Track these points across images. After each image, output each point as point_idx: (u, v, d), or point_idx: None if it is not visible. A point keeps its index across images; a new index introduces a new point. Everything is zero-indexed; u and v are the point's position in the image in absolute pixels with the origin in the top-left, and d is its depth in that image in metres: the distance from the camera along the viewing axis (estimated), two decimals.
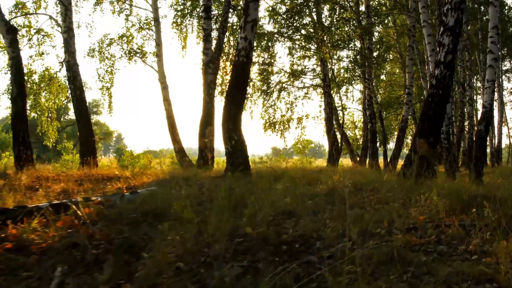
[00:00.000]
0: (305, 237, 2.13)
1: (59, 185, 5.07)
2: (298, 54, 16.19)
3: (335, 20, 13.96)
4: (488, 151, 18.67)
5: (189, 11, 12.61)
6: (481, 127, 8.03)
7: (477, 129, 8.03)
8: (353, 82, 18.01)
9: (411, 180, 3.80)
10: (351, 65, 14.58)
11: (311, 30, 14.54)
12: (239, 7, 11.83)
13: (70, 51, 10.01)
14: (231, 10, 11.33)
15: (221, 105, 10.80)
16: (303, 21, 14.71)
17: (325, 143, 15.80)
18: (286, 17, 14.62)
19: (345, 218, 2.47)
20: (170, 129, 11.52)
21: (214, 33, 10.78)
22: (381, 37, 18.09)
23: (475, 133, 8.49)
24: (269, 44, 15.48)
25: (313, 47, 15.06)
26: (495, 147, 21.41)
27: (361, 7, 14.23)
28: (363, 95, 15.30)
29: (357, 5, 14.14)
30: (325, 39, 13.05)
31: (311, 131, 76.78)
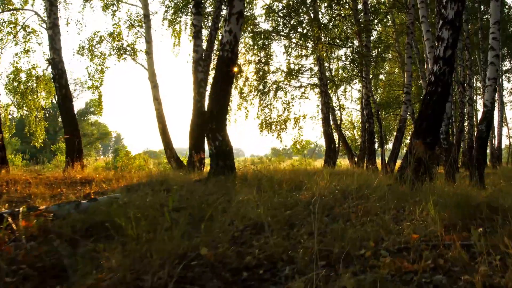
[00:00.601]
0: (273, 259, 1.76)
1: (27, 190, 4.70)
2: (295, 53, 15.88)
3: (332, 16, 13.60)
4: (488, 151, 18.34)
5: (181, 7, 12.24)
6: (482, 127, 7.65)
7: (478, 129, 7.66)
8: (351, 81, 17.69)
9: (406, 185, 3.42)
10: (348, 63, 14.21)
11: (308, 27, 14.19)
12: None
13: (55, 48, 9.64)
14: (223, 6, 10.95)
15: None
16: (299, 18, 14.35)
17: (324, 144, 15.37)
18: (282, 15, 14.27)
19: (325, 234, 2.09)
20: (160, 129, 11.15)
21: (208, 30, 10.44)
22: (379, 36, 17.76)
23: (475, 133, 8.11)
24: (266, 42, 15.14)
25: (309, 45, 14.72)
26: (495, 147, 21.12)
27: (359, 5, 13.87)
28: (361, 95, 14.96)
29: (355, 2, 13.76)
30: (322, 36, 12.68)
31: (309, 131, 76.24)
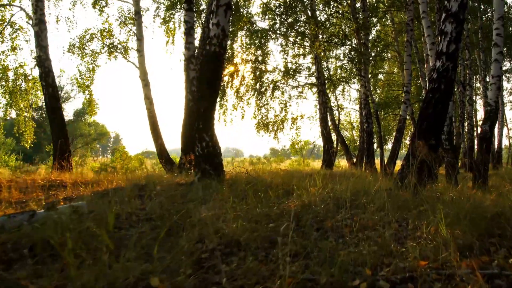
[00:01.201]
0: None
1: None
2: (292, 52, 15.55)
3: (330, 14, 13.27)
4: None
5: (174, 2, 11.87)
6: (486, 127, 7.29)
7: (482, 129, 7.30)
8: (350, 81, 17.36)
9: (408, 191, 3.07)
10: (346, 61, 13.87)
11: (305, 25, 13.85)
12: None
13: (41, 45, 9.27)
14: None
15: None
16: (296, 17, 14.02)
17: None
18: (279, 13, 13.93)
19: (312, 255, 1.73)
20: (152, 130, 10.76)
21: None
22: (378, 35, 17.44)
23: (479, 134, 7.75)
24: (262, 41, 14.81)
25: (307, 43, 14.39)
26: (496, 148, 20.85)
27: (358, 4, 13.54)
28: (359, 94, 14.63)
29: (353, 0, 13.42)
30: (319, 34, 12.34)
31: (307, 131, 75.80)
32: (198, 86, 4.92)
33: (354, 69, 13.96)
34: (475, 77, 20.57)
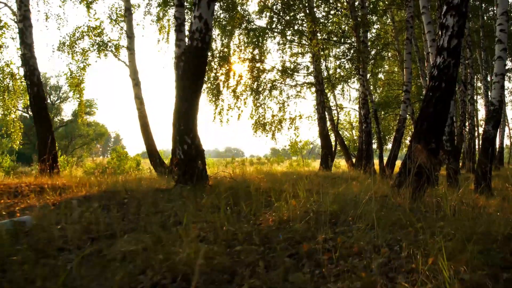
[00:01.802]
0: None
1: None
2: (289, 51, 15.19)
3: (328, 11, 12.91)
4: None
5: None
6: (489, 127, 6.92)
7: (485, 129, 6.93)
8: (349, 80, 16.99)
9: (405, 201, 2.70)
10: (345, 59, 13.50)
11: (303, 23, 13.49)
12: None
13: (26, 43, 8.90)
14: None
15: None
16: (294, 14, 13.66)
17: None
18: (277, 11, 13.58)
19: None
20: (142, 130, 10.41)
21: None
22: (378, 34, 17.07)
23: (482, 134, 7.37)
24: (259, 39, 14.44)
25: (305, 42, 14.03)
26: (498, 148, 20.51)
27: (356, 2, 13.17)
28: (358, 94, 14.27)
29: None
30: (316, 31, 11.97)
31: (306, 131, 75.23)
32: (178, 84, 4.56)
33: (353, 68, 13.58)
34: (476, 76, 20.23)
